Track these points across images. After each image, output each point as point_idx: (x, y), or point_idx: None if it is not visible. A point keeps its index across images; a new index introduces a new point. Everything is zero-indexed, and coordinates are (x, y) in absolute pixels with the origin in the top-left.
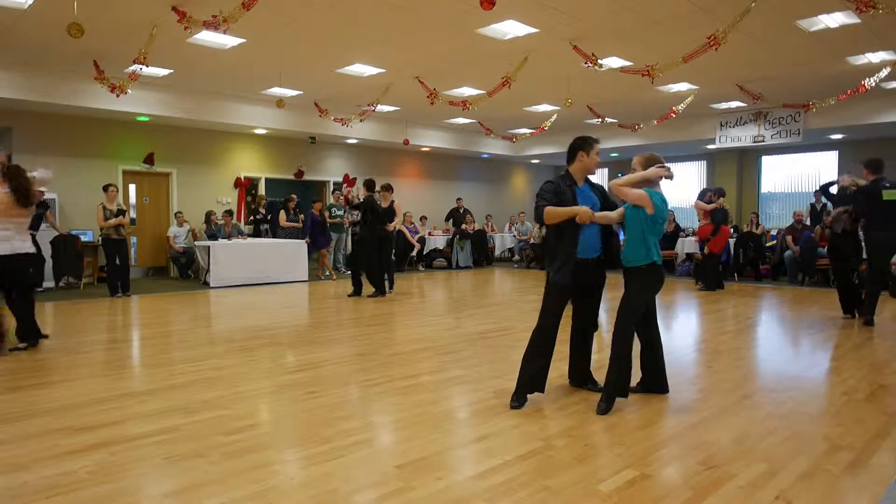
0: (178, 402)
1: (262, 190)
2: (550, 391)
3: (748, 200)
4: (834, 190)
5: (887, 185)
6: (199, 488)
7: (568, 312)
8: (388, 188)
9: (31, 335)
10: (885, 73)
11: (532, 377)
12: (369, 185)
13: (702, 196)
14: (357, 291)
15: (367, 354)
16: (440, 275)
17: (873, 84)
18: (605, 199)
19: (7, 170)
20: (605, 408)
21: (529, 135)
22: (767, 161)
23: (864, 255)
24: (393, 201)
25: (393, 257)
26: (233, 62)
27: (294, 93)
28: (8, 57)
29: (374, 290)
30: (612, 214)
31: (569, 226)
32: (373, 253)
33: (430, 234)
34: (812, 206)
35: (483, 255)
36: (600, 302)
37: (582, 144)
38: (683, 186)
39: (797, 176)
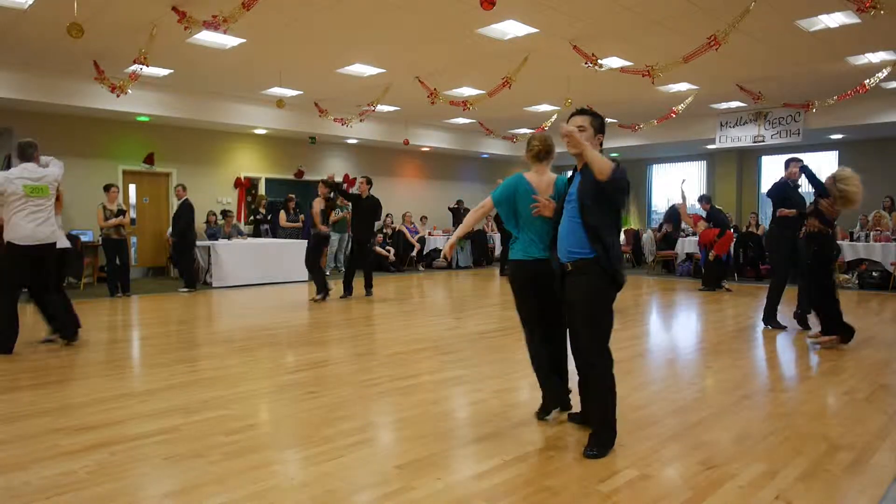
0: (178, 402)
1: (262, 190)
2: None
3: (748, 200)
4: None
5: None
6: (199, 488)
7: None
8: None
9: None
10: (885, 73)
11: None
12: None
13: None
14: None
15: (367, 354)
16: (440, 275)
17: (873, 84)
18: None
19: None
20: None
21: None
22: (767, 161)
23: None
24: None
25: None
26: (233, 62)
27: (294, 93)
28: (8, 57)
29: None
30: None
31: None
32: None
33: (430, 234)
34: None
35: (483, 255)
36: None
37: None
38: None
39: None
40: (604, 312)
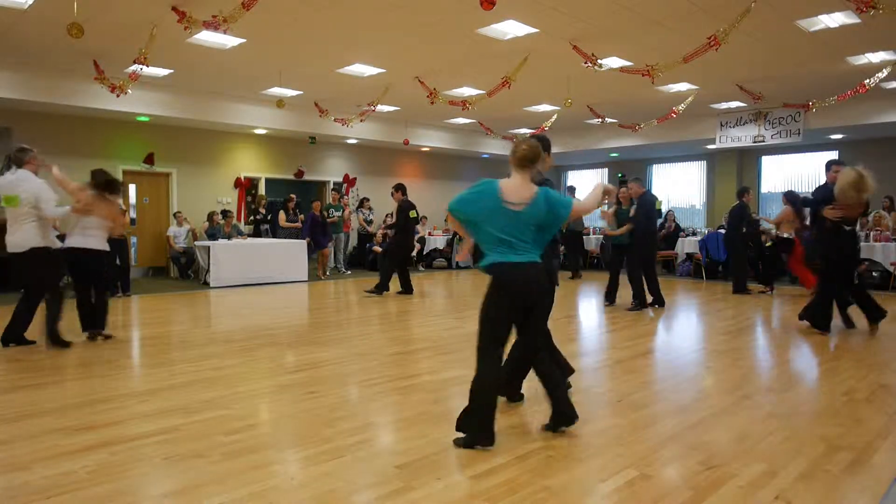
0: (178, 402)
1: (262, 190)
2: None
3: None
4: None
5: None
6: (199, 488)
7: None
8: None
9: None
10: (885, 73)
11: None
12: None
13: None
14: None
15: (367, 354)
16: (440, 275)
17: (873, 84)
18: None
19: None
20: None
21: (529, 135)
22: (767, 161)
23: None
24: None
25: None
26: (233, 62)
27: (294, 93)
28: (8, 57)
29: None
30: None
31: None
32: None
33: (430, 234)
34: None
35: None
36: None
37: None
38: (683, 186)
39: (797, 176)
40: None
